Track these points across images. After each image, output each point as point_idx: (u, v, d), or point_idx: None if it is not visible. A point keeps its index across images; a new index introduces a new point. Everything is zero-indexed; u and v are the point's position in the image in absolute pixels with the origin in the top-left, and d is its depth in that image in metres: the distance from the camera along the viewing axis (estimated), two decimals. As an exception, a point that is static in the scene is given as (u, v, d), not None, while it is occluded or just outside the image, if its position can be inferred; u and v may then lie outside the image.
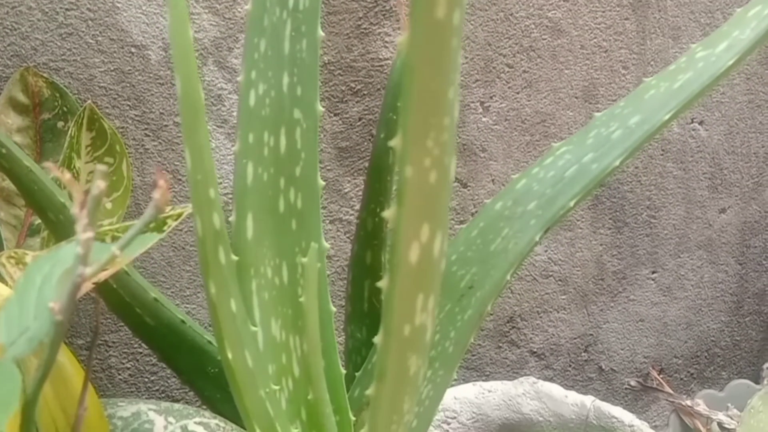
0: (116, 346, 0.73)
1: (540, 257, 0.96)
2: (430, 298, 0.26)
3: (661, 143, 1.00)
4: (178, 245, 0.74)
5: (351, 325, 0.52)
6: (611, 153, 0.41)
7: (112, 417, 0.49)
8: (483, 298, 0.46)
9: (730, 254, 1.10)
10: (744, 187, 1.09)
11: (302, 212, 0.40)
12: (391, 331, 0.26)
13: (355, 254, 0.49)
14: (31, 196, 0.45)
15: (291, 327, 0.41)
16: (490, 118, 0.86)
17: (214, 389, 0.53)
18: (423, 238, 0.23)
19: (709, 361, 1.14)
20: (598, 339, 1.03)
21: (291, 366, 0.41)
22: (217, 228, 0.31)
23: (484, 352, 0.97)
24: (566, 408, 0.82)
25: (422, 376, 0.31)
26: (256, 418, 0.36)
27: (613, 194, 0.98)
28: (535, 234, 0.43)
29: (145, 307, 0.49)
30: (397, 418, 0.31)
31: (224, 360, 0.34)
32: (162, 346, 0.51)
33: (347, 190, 0.81)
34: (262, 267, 0.39)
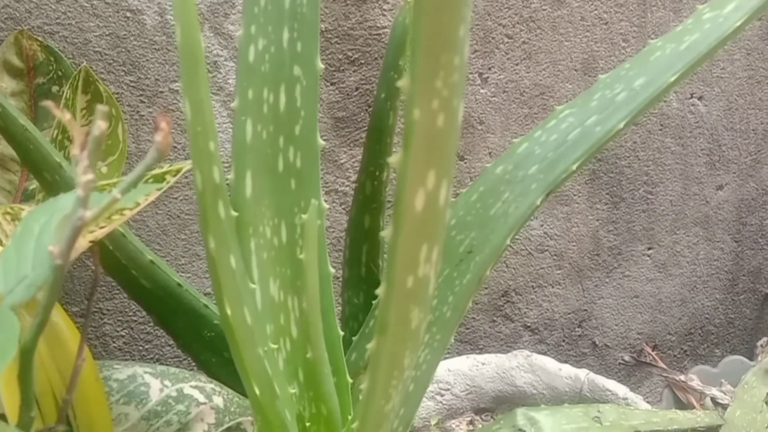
0: (111, 314, 0.73)
1: (536, 232, 0.96)
2: (434, 250, 0.26)
3: (659, 118, 0.99)
4: (173, 213, 0.73)
5: (348, 290, 0.51)
6: (615, 116, 0.40)
7: (107, 379, 0.49)
8: (482, 263, 0.45)
9: (726, 232, 1.10)
10: (742, 164, 1.08)
11: (301, 172, 0.39)
12: (394, 282, 0.26)
13: (353, 218, 0.48)
14: (26, 155, 0.44)
15: (289, 287, 0.40)
16: (488, 90, 0.85)
17: (210, 354, 0.53)
18: (429, 185, 0.23)
19: (703, 339, 1.14)
20: (592, 314, 1.04)
21: (289, 327, 0.41)
22: (216, 182, 0.30)
23: (478, 326, 0.97)
24: (560, 381, 0.82)
25: (423, 331, 0.31)
26: (254, 376, 0.36)
27: (611, 169, 0.98)
28: (536, 198, 0.43)
29: (141, 269, 0.48)
30: (397, 373, 0.31)
31: (223, 317, 0.34)
32: (158, 309, 0.51)
33: (343, 161, 0.80)
34: (260, 226, 0.39)
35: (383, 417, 0.34)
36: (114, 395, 0.48)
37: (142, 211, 0.72)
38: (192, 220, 0.74)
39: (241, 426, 0.54)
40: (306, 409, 0.43)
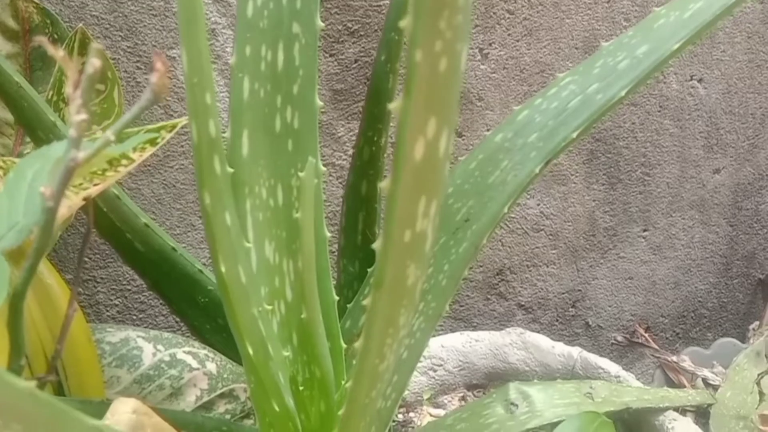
0: (104, 282, 0.73)
1: (532, 211, 0.96)
2: (433, 204, 0.26)
3: (659, 99, 0.99)
4: (169, 182, 0.73)
5: (344, 258, 0.51)
6: (617, 83, 0.40)
7: (100, 342, 0.49)
8: (479, 232, 0.45)
9: (722, 215, 1.11)
10: (739, 148, 1.08)
11: (299, 133, 0.39)
12: (391, 237, 0.26)
13: (350, 185, 0.48)
14: (20, 113, 0.44)
15: (285, 250, 0.40)
16: (488, 66, 0.85)
17: (204, 320, 0.53)
18: (429, 134, 0.23)
19: (696, 322, 1.15)
20: (586, 295, 1.04)
21: (284, 289, 0.41)
22: (212, 136, 0.30)
23: (472, 304, 0.97)
24: (553, 358, 0.82)
25: (420, 290, 0.30)
26: (248, 336, 0.35)
27: (609, 150, 0.98)
28: (535, 166, 0.42)
29: (135, 232, 0.48)
30: (392, 331, 0.31)
31: (217, 274, 0.33)
32: (152, 273, 0.50)
33: (341, 134, 0.80)
34: (256, 187, 0.38)
35: (377, 377, 0.34)
36: (106, 358, 0.48)
37: (138, 179, 0.72)
38: (188, 190, 0.73)
39: (234, 392, 0.54)
40: (299, 373, 0.43)
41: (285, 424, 0.41)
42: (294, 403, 0.41)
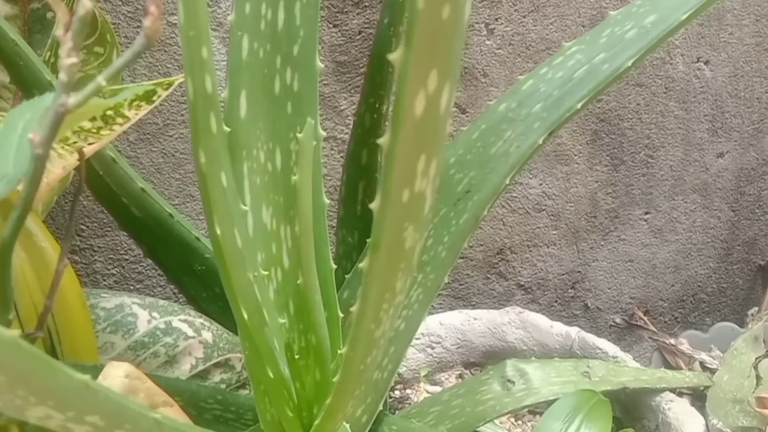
0: (102, 251, 0.72)
1: (534, 190, 0.95)
2: (433, 163, 0.25)
3: (665, 81, 0.98)
4: (168, 152, 0.72)
5: (343, 229, 0.51)
6: (624, 53, 0.39)
7: (94, 307, 0.48)
8: (480, 203, 0.44)
9: (724, 200, 1.10)
10: (744, 132, 1.07)
11: (298, 95, 0.38)
12: (389, 196, 0.25)
13: (351, 153, 0.47)
14: (16, 71, 0.43)
15: (282, 216, 0.40)
16: (494, 42, 0.84)
17: (201, 288, 0.52)
18: (430, 87, 0.22)
19: (695, 306, 1.14)
20: (586, 276, 1.03)
21: (281, 256, 0.40)
22: (209, 92, 0.29)
23: (471, 283, 0.97)
24: (551, 338, 0.82)
25: (418, 254, 0.30)
26: (243, 301, 0.35)
27: (613, 130, 0.97)
28: (539, 137, 0.42)
29: (131, 197, 0.47)
30: (389, 296, 0.30)
31: (212, 237, 0.33)
32: (148, 239, 0.50)
33: (343, 107, 0.79)
34: (254, 150, 0.38)
35: (372, 343, 0.33)
36: (100, 323, 0.48)
37: (137, 147, 0.71)
38: (187, 160, 0.73)
39: (230, 362, 0.53)
40: (295, 342, 0.42)
41: (280, 392, 0.40)
42: (289, 371, 0.41)
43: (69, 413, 0.24)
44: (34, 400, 0.22)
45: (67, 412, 0.23)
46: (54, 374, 0.22)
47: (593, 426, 0.56)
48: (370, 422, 0.45)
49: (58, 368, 0.22)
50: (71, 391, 0.23)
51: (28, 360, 0.21)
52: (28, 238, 0.44)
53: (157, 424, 0.27)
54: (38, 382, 0.22)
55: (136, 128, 0.70)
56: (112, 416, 0.25)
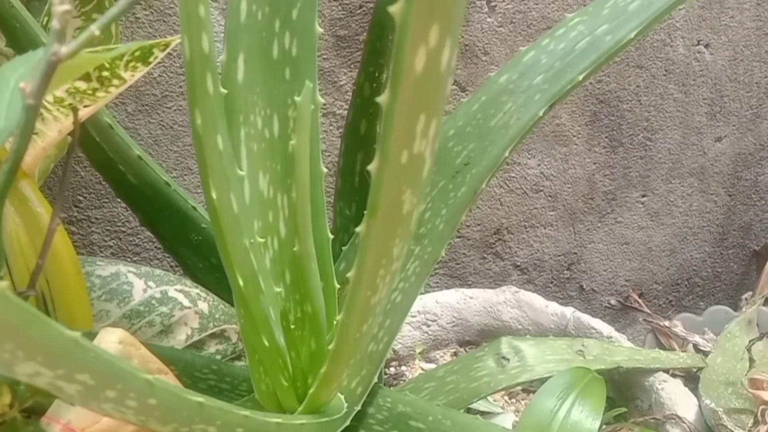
0: (99, 223, 0.72)
1: (532, 171, 0.95)
2: (432, 123, 0.25)
3: (665, 63, 0.97)
4: (167, 124, 0.72)
5: (340, 201, 0.50)
6: (627, 25, 0.39)
7: (89, 275, 0.48)
8: (478, 176, 0.44)
9: (721, 185, 1.10)
10: (742, 117, 1.07)
11: (297, 60, 0.38)
12: (388, 157, 0.25)
13: (350, 123, 0.47)
14: (11, 33, 0.42)
15: (279, 184, 0.39)
16: (495, 19, 0.83)
17: (197, 258, 0.52)
18: (431, 42, 0.22)
19: (689, 290, 1.15)
20: (581, 258, 1.04)
21: (277, 225, 0.40)
22: (206, 51, 0.29)
23: (468, 262, 0.97)
24: (546, 317, 0.82)
25: (415, 220, 0.30)
26: (239, 267, 0.35)
27: (612, 112, 0.96)
28: (539, 109, 0.41)
29: (128, 164, 0.47)
30: (386, 261, 0.30)
31: (208, 201, 0.33)
32: (145, 207, 0.49)
33: (343, 83, 0.78)
34: (251, 115, 0.37)
35: (368, 310, 0.33)
36: (95, 291, 0.48)
37: (135, 119, 0.70)
38: (185, 132, 0.72)
39: (226, 333, 0.53)
40: (291, 312, 0.42)
41: (275, 361, 0.40)
42: (284, 340, 0.41)
43: (59, 370, 0.23)
44: (23, 355, 0.22)
45: (56, 369, 0.23)
46: (43, 329, 0.21)
47: (587, 403, 0.56)
48: (365, 394, 0.45)
49: (47, 323, 0.22)
50: (61, 348, 0.23)
51: (16, 312, 0.21)
52: (24, 203, 0.44)
53: (149, 384, 0.27)
54: (26, 335, 0.21)
55: (134, 99, 0.69)
56: (102, 375, 0.25)
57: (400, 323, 0.47)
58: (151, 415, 0.28)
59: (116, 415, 0.27)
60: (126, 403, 0.26)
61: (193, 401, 0.29)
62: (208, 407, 0.30)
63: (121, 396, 0.26)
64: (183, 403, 0.29)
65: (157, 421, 0.28)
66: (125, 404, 0.26)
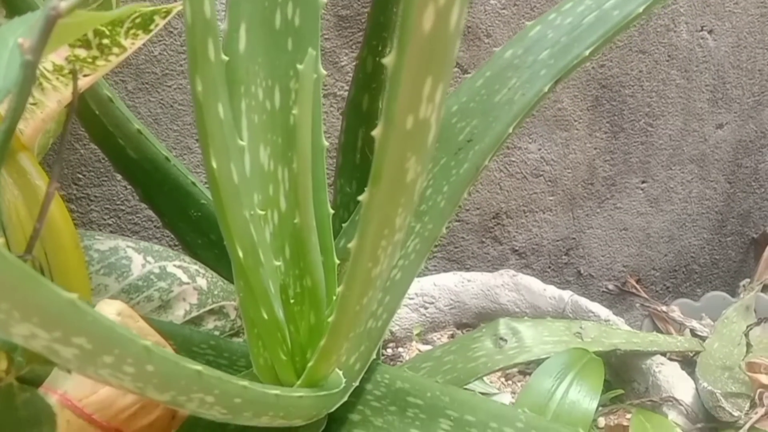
0: (98, 201, 0.72)
1: (533, 155, 0.95)
2: (439, 88, 0.24)
3: (668, 48, 0.97)
4: (167, 102, 0.71)
5: (341, 178, 0.50)
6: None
7: (88, 249, 0.48)
8: (481, 152, 0.44)
9: (721, 172, 1.10)
10: (744, 104, 1.07)
11: (299, 31, 0.37)
12: (393, 122, 0.24)
13: (352, 99, 0.46)
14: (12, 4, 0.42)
15: (280, 157, 0.39)
16: (498, 1, 0.82)
17: (196, 234, 0.52)
18: (440, 0, 0.21)
19: (686, 277, 1.15)
20: (580, 243, 1.03)
21: (278, 198, 0.40)
22: (207, 17, 0.28)
23: (466, 246, 0.96)
24: (543, 300, 0.82)
25: (419, 191, 0.29)
26: (239, 238, 0.34)
27: (614, 97, 0.96)
28: (545, 85, 0.41)
29: (127, 138, 0.46)
30: (388, 232, 0.30)
31: (208, 171, 0.32)
32: (144, 182, 0.49)
33: (344, 64, 0.78)
34: (253, 86, 0.37)
35: (369, 282, 0.33)
36: (94, 265, 0.47)
37: (135, 97, 0.70)
38: (185, 111, 0.72)
39: (224, 309, 0.53)
40: (291, 287, 0.42)
41: (273, 335, 0.40)
42: (283, 314, 0.41)
43: (55, 333, 0.23)
44: (18, 316, 0.22)
45: (52, 331, 0.23)
46: (39, 289, 0.21)
47: (585, 383, 0.56)
48: (363, 370, 0.44)
49: (43, 283, 0.21)
50: (57, 309, 0.22)
51: (11, 271, 0.20)
52: (23, 176, 0.44)
53: (146, 351, 0.26)
54: (22, 295, 0.21)
55: (134, 77, 0.69)
56: (100, 339, 0.24)
57: (399, 301, 0.47)
58: (149, 382, 0.28)
59: (113, 381, 0.27)
60: (123, 369, 0.26)
61: (191, 369, 0.29)
62: (207, 376, 0.29)
63: (118, 362, 0.25)
64: (181, 371, 0.28)
65: (154, 388, 0.28)
66: (122, 370, 0.26)
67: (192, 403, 0.30)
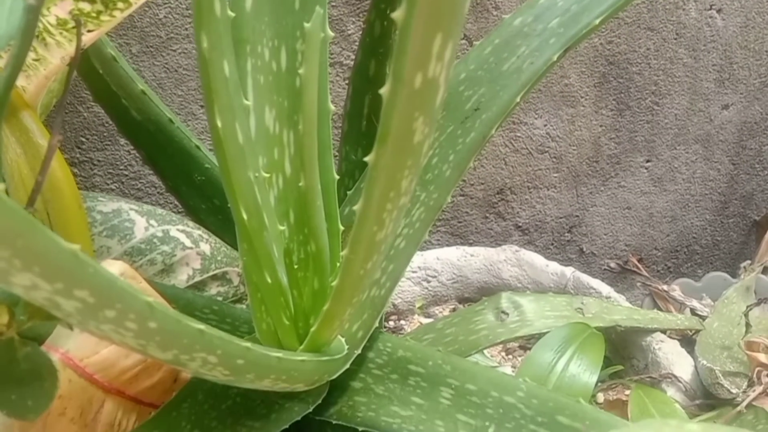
0: (101, 166, 0.71)
1: (538, 131, 0.94)
2: (449, 45, 0.24)
3: (676, 26, 0.96)
4: (171, 67, 0.71)
5: (346, 146, 0.50)
6: (646, -33, 0.38)
7: (91, 210, 0.48)
8: (488, 121, 0.43)
9: (725, 153, 1.09)
10: (750, 85, 1.06)
11: (308, -10, 0.37)
12: (401, 79, 0.24)
13: (358, 64, 0.46)
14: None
15: (286, 120, 0.39)
16: (506, -27, 0.81)
17: (200, 199, 0.51)
18: (453, -46, 0.21)
19: (688, 257, 1.15)
20: (583, 221, 1.03)
21: (283, 162, 0.39)
22: (215, -29, 0.28)
23: (470, 221, 0.96)
24: (546, 276, 0.82)
25: (425, 154, 0.29)
26: (243, 200, 0.34)
27: (621, 74, 0.95)
28: (554, 54, 0.40)
29: (132, 99, 0.46)
30: (394, 194, 0.29)
31: (213, 130, 0.32)
32: (147, 144, 0.49)
33: (351, 32, 0.77)
34: (259, 46, 0.36)
35: (374, 246, 0.33)
36: (97, 227, 0.47)
37: (139, 60, 0.69)
38: (190, 76, 0.71)
39: (227, 275, 0.53)
40: (295, 252, 0.42)
41: (277, 299, 0.40)
42: (287, 280, 0.41)
43: (57, 284, 0.23)
44: (20, 264, 0.21)
45: (54, 282, 0.23)
46: (41, 237, 0.21)
47: (586, 357, 0.56)
48: (366, 338, 0.44)
49: (45, 232, 0.21)
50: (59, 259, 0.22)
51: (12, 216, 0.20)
52: (25, 134, 0.43)
53: (149, 307, 0.26)
54: (24, 243, 0.21)
55: (139, 40, 0.68)
56: (102, 293, 0.24)
57: (402, 269, 0.47)
58: (151, 339, 0.27)
59: (115, 338, 0.27)
60: (125, 325, 0.26)
61: (194, 328, 0.29)
62: (209, 335, 0.29)
63: (120, 317, 0.25)
64: (184, 329, 0.28)
65: (157, 346, 0.28)
66: (125, 326, 0.26)
67: (194, 363, 0.30)
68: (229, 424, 0.40)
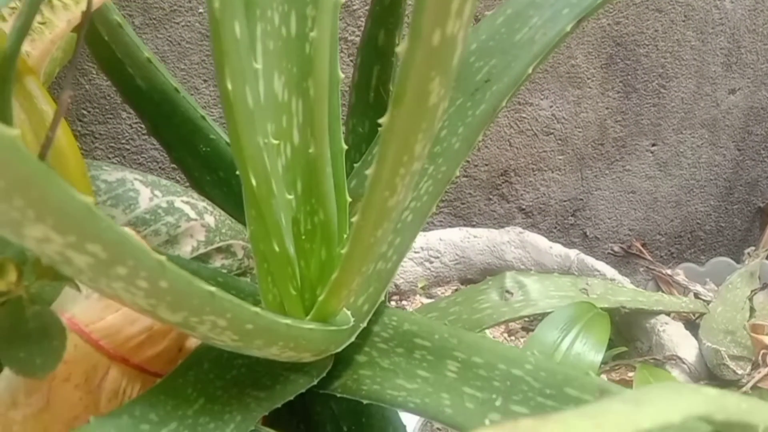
0: (103, 139, 0.71)
1: (544, 113, 0.93)
2: (468, 2, 0.23)
3: (684, 8, 0.95)
4: (174, 40, 0.70)
5: (353, 118, 0.49)
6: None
7: (95, 179, 0.47)
8: (498, 93, 0.43)
9: (731, 138, 1.08)
10: (758, 70, 1.05)
11: (319, -45, 0.36)
12: (420, 35, 0.23)
13: (367, 34, 0.45)
14: None
15: (295, 88, 0.38)
16: (514, -50, 0.80)
17: (205, 171, 0.51)
18: None
19: (691, 243, 1.14)
20: (587, 205, 1.03)
21: (291, 130, 0.39)
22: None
23: (473, 203, 0.96)
24: (549, 258, 0.82)
25: (440, 118, 0.28)
26: (252, 165, 0.34)
27: (628, 56, 0.94)
28: (567, 24, 0.40)
29: (137, 67, 0.45)
30: (407, 159, 0.29)
31: (223, 93, 0.31)
32: (153, 114, 0.48)
33: (356, 7, 0.76)
34: (269, 10, 0.36)
35: (385, 213, 0.32)
36: (101, 196, 0.47)
37: (142, 33, 0.68)
38: (193, 50, 0.70)
39: (232, 248, 0.53)
40: (302, 223, 0.41)
41: (284, 269, 0.40)
42: (294, 250, 0.40)
43: (69, 237, 0.22)
44: (33, 215, 0.21)
45: (67, 235, 0.22)
46: (56, 187, 0.21)
47: (591, 336, 0.56)
48: (371, 312, 0.44)
49: (60, 182, 0.21)
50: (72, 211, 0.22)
51: (26, 164, 0.20)
52: (29, 100, 0.43)
53: (161, 265, 0.26)
54: (38, 192, 0.20)
55: (142, 12, 0.67)
56: (114, 248, 0.24)
57: (409, 244, 0.47)
58: (162, 299, 0.27)
59: (126, 297, 0.27)
60: (136, 284, 0.26)
61: (204, 289, 0.28)
62: (220, 298, 0.29)
63: (132, 274, 0.25)
64: (194, 290, 0.28)
65: (167, 306, 0.28)
66: (136, 284, 0.26)
67: (204, 326, 0.30)
68: (234, 394, 0.39)
